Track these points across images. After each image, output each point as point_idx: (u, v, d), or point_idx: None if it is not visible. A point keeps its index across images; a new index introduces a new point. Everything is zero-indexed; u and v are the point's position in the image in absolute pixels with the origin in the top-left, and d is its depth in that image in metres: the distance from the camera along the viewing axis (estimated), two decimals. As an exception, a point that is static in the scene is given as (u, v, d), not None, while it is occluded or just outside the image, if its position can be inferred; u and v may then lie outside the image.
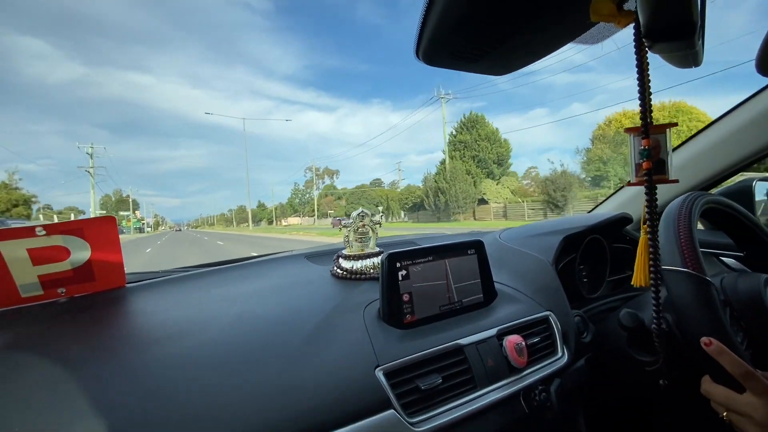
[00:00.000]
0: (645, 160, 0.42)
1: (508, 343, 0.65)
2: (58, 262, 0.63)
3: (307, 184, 60.45)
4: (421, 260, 0.68)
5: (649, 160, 0.42)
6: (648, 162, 0.42)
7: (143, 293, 0.71)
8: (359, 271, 0.79)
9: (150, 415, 0.42)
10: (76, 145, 31.08)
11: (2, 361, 0.48)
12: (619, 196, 1.17)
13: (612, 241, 1.02)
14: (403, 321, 0.64)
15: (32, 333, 0.56)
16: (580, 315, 0.81)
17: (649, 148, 0.42)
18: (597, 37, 0.52)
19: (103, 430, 0.39)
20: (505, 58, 0.52)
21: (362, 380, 0.53)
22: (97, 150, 37.78)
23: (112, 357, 0.50)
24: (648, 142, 0.42)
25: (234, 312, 0.63)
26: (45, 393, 0.43)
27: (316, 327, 0.59)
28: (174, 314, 0.63)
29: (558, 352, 0.72)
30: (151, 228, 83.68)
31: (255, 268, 0.88)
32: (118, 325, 0.60)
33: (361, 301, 0.67)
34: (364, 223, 0.82)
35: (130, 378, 0.47)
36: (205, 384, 0.47)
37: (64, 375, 0.46)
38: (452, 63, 0.51)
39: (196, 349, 0.52)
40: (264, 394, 0.47)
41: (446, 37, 0.45)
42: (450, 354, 0.61)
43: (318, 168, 59.44)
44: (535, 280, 0.82)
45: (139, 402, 0.43)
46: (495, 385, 0.62)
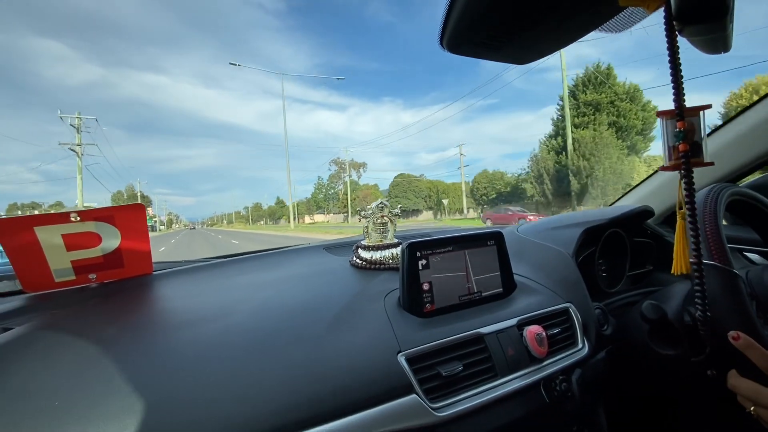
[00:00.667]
0: (681, 142, 0.42)
1: (528, 333, 0.65)
2: (90, 248, 0.66)
3: (332, 178, 54.68)
4: (441, 250, 0.68)
5: (685, 142, 0.41)
6: (684, 144, 0.41)
7: (170, 280, 0.73)
8: (378, 261, 0.80)
9: (182, 392, 0.44)
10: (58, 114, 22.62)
11: (39, 340, 0.50)
12: (643, 188, 1.15)
13: (633, 234, 1.00)
14: (423, 310, 0.64)
15: (68, 313, 0.58)
16: (601, 308, 0.81)
17: (685, 130, 0.42)
18: (621, 25, 0.52)
19: (137, 405, 0.41)
20: (529, 46, 0.52)
21: (385, 365, 0.53)
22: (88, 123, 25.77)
23: (144, 338, 0.52)
24: (683, 125, 0.42)
25: (259, 298, 0.64)
26: (81, 370, 0.45)
27: (339, 314, 0.60)
28: (201, 300, 0.65)
29: (578, 343, 0.71)
30: (165, 226, 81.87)
31: (275, 258, 0.90)
32: (148, 309, 0.62)
33: (382, 290, 0.68)
34: (383, 215, 0.83)
35: (161, 358, 0.48)
36: (234, 365, 0.48)
37: (99, 353, 0.48)
38: (476, 51, 0.51)
39: (224, 332, 0.54)
40: (291, 375, 0.48)
41: (472, 25, 0.45)
42: (470, 342, 0.61)
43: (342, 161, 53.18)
44: (555, 272, 0.81)
45: (170, 381, 0.45)
46: (515, 374, 0.62)
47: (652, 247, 1.04)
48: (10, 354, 0.47)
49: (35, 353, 0.48)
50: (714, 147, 0.96)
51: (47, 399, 0.41)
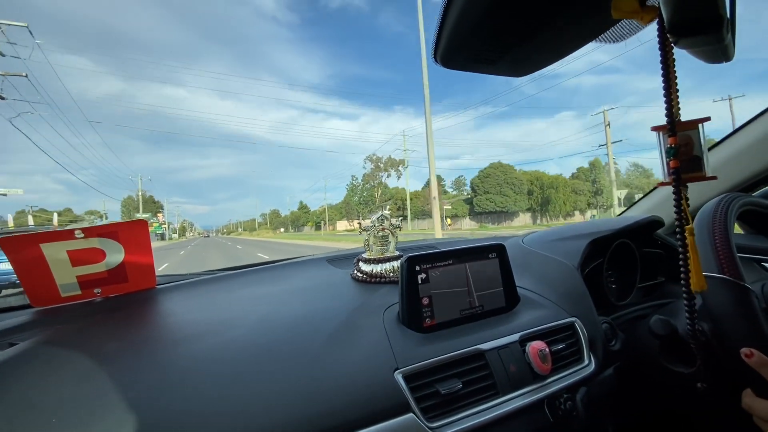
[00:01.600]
0: (672, 158, 0.41)
1: (531, 349, 0.63)
2: (94, 264, 0.67)
3: (367, 177, 46.30)
4: (441, 264, 0.67)
5: (676, 159, 0.40)
6: (675, 160, 0.40)
7: (172, 294, 0.74)
8: (379, 274, 0.80)
9: (179, 408, 0.44)
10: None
11: (43, 356, 0.51)
12: (652, 198, 1.12)
13: (642, 245, 0.98)
14: (423, 325, 0.63)
15: (71, 330, 0.59)
16: (608, 322, 0.78)
17: (677, 145, 0.40)
18: (619, 35, 0.51)
19: (133, 422, 0.41)
20: (524, 59, 0.51)
21: (381, 383, 0.53)
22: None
23: (144, 354, 0.53)
24: (675, 140, 0.41)
25: (259, 312, 0.64)
26: (81, 386, 0.46)
27: (337, 329, 0.60)
28: (201, 314, 0.66)
29: (584, 359, 0.69)
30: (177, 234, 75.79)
31: (278, 271, 0.90)
32: (149, 324, 0.63)
33: (381, 305, 0.68)
34: (384, 227, 0.83)
35: (159, 373, 0.49)
36: (231, 381, 0.48)
37: (99, 370, 0.48)
38: (471, 65, 0.51)
39: (223, 348, 0.54)
40: (287, 392, 0.48)
41: (464, 39, 0.45)
42: (471, 359, 0.60)
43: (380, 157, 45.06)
44: (560, 286, 0.80)
45: (167, 396, 0.45)
46: (518, 391, 0.60)
47: (663, 258, 1.01)
48: (13, 369, 0.48)
49: (36, 369, 0.49)
50: (723, 156, 0.93)
51: (46, 415, 0.42)
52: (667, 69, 0.41)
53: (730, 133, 0.96)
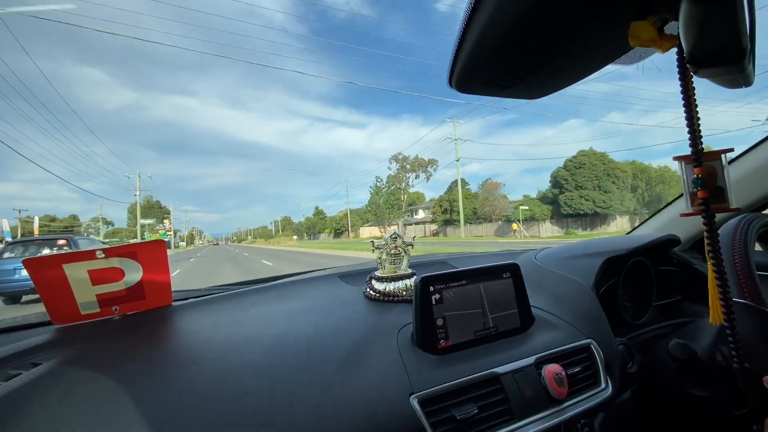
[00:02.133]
0: (699, 189, 0.40)
1: (547, 373, 0.62)
2: (113, 283, 0.68)
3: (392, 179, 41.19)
4: (455, 284, 0.67)
5: (704, 189, 0.40)
6: (703, 191, 0.40)
7: (188, 312, 0.75)
8: (392, 293, 0.79)
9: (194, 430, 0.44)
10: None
11: (67, 377, 0.52)
12: (661, 217, 1.11)
13: (658, 263, 0.96)
14: (437, 346, 0.63)
15: (92, 349, 0.60)
16: (625, 343, 0.77)
17: (703, 176, 0.40)
18: (637, 58, 0.51)
19: None
20: (539, 83, 0.51)
21: (397, 408, 0.52)
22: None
23: (162, 375, 0.53)
24: (701, 171, 0.40)
25: (272, 333, 0.65)
26: (106, 409, 0.46)
27: (351, 350, 0.60)
28: (216, 334, 0.66)
29: (601, 383, 0.68)
30: (184, 242, 73.19)
31: (291, 288, 0.91)
32: (166, 344, 0.63)
33: (395, 325, 0.67)
34: (396, 245, 0.83)
35: (179, 396, 0.49)
36: (246, 405, 0.48)
37: (121, 391, 0.49)
38: (485, 90, 0.52)
39: (238, 369, 0.54)
40: (303, 417, 0.48)
41: (480, 65, 0.45)
42: (486, 383, 0.60)
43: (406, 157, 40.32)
44: (575, 306, 0.79)
45: (188, 421, 0.46)
46: (534, 416, 0.59)
47: (678, 276, 1.00)
48: (38, 391, 0.49)
49: (62, 390, 0.49)
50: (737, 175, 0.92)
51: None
52: (688, 98, 0.41)
53: (745, 151, 0.94)
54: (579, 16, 0.40)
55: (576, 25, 0.41)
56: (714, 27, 0.35)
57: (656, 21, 0.41)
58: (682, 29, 0.36)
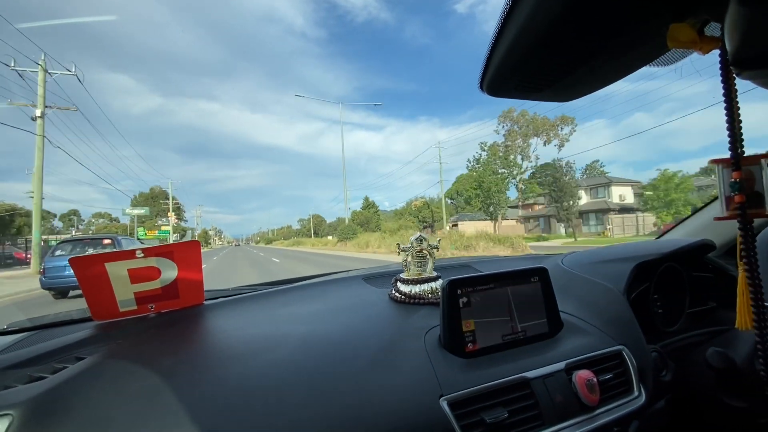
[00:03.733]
0: (737, 193, 0.39)
1: (578, 379, 0.61)
2: (150, 281, 0.71)
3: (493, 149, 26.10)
4: (483, 287, 0.67)
5: (741, 194, 0.39)
6: (741, 195, 0.39)
7: (219, 311, 0.77)
8: (417, 295, 0.80)
9: (230, 427, 0.46)
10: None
11: (109, 371, 0.54)
12: (694, 222, 1.07)
13: (691, 269, 0.94)
14: (465, 349, 0.63)
15: (131, 344, 0.63)
16: (658, 350, 0.75)
17: (741, 180, 0.39)
18: (674, 60, 0.50)
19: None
20: (572, 85, 0.51)
21: (427, 409, 0.53)
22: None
23: (198, 370, 0.55)
24: (739, 174, 0.39)
25: (300, 332, 0.66)
26: (144, 401, 0.49)
27: (380, 351, 0.60)
28: (247, 332, 0.68)
29: (634, 390, 0.66)
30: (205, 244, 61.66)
31: (316, 289, 0.92)
32: (200, 341, 0.66)
33: (422, 327, 0.68)
34: (422, 248, 0.83)
35: (213, 393, 0.51)
36: (279, 403, 0.50)
37: (161, 385, 0.51)
38: (517, 93, 0.52)
39: (269, 367, 0.56)
40: (332, 416, 0.49)
41: (513, 69, 0.45)
42: (515, 387, 0.59)
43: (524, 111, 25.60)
44: (605, 311, 0.77)
45: (222, 416, 0.47)
46: (564, 423, 0.58)
47: (713, 283, 0.96)
48: (83, 384, 0.51)
49: (105, 383, 0.52)
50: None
51: (117, 429, 0.45)
52: (730, 100, 0.40)
53: None
54: (615, 19, 0.40)
55: (612, 27, 0.40)
56: (762, 28, 0.34)
57: (696, 23, 0.41)
58: (728, 31, 0.36)
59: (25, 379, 0.54)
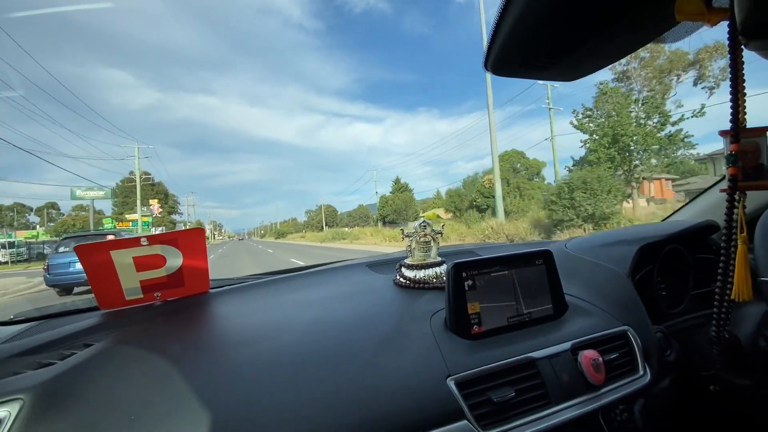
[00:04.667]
0: (730, 165, 0.39)
1: (584, 359, 0.62)
2: (156, 269, 0.71)
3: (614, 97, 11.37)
4: (488, 270, 0.67)
5: (735, 166, 0.39)
6: (734, 168, 0.39)
7: (225, 298, 0.77)
8: (422, 280, 0.80)
9: (242, 410, 0.46)
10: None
11: (118, 357, 0.55)
12: (701, 202, 1.07)
13: (696, 251, 0.93)
14: (471, 332, 0.63)
15: (138, 331, 0.63)
16: (662, 331, 0.75)
17: (737, 152, 0.39)
18: (680, 35, 0.49)
19: (203, 422, 0.44)
20: (578, 62, 0.50)
21: (434, 389, 0.53)
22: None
23: (206, 356, 0.56)
24: (737, 147, 0.39)
25: (308, 317, 0.66)
26: (152, 386, 0.49)
27: (387, 334, 0.61)
28: (255, 318, 0.68)
29: (639, 370, 0.67)
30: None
31: (321, 276, 0.92)
32: (207, 327, 0.66)
33: (427, 311, 0.68)
34: (426, 233, 0.83)
35: (222, 375, 0.51)
36: (288, 385, 0.50)
37: (167, 370, 0.51)
38: (522, 72, 0.51)
39: (279, 351, 0.56)
40: (341, 397, 0.49)
41: (519, 46, 0.45)
42: (522, 367, 0.60)
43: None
44: (610, 293, 0.77)
45: (231, 400, 0.47)
46: (571, 401, 0.59)
47: (718, 265, 0.96)
48: (92, 369, 0.52)
49: (113, 368, 0.52)
50: None
51: (125, 412, 0.45)
52: (736, 72, 0.40)
53: None
54: None
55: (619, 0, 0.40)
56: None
57: None
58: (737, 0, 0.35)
59: (35, 366, 0.54)
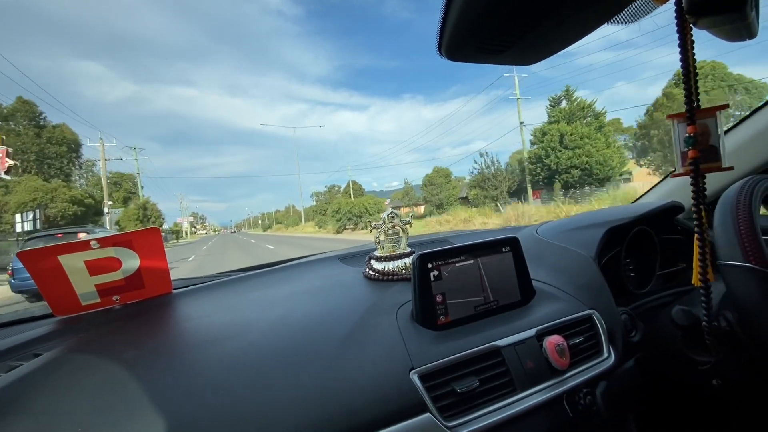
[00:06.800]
0: (690, 148, 0.39)
1: (548, 344, 0.62)
2: (111, 272, 0.68)
3: None
4: (453, 260, 0.66)
5: (695, 149, 0.38)
6: (694, 150, 0.38)
7: (188, 299, 0.75)
8: (391, 272, 0.79)
9: (199, 415, 0.45)
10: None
11: (67, 365, 0.52)
12: (666, 184, 1.08)
13: (662, 232, 0.95)
14: (437, 322, 0.63)
15: (92, 338, 0.61)
16: (628, 313, 0.76)
17: (696, 134, 0.38)
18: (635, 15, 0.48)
19: (158, 425, 0.42)
20: (534, 46, 0.49)
21: (397, 383, 0.53)
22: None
23: (164, 359, 0.54)
24: (694, 129, 0.38)
25: (272, 316, 0.65)
26: (105, 394, 0.47)
27: (351, 329, 0.60)
28: (217, 319, 0.66)
29: (603, 352, 0.68)
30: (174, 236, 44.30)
31: (291, 271, 0.91)
32: (167, 330, 0.64)
33: (395, 303, 0.67)
34: (394, 224, 0.82)
35: (179, 379, 0.50)
36: (250, 386, 0.49)
37: (121, 378, 0.49)
38: (477, 57, 0.50)
39: (238, 352, 0.55)
40: (304, 395, 0.48)
41: (470, 29, 0.43)
42: (487, 356, 0.60)
43: None
44: (577, 277, 0.78)
45: (189, 402, 0.46)
46: (535, 387, 0.59)
47: (683, 244, 0.98)
48: (38, 379, 0.49)
49: (62, 378, 0.50)
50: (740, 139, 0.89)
51: (73, 422, 0.43)
52: (686, 52, 0.39)
53: (748, 115, 0.91)
54: None
55: None
56: None
57: None
58: None
59: None
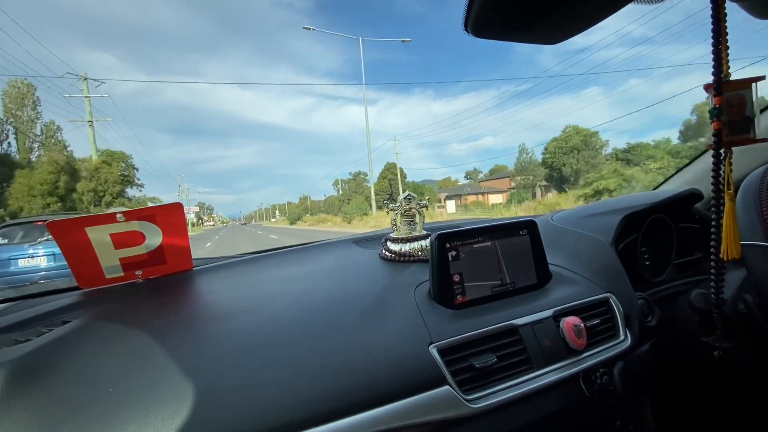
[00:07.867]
0: (715, 120, 0.38)
1: (565, 325, 0.62)
2: (135, 246, 0.70)
3: None
4: (471, 241, 0.67)
5: (719, 120, 0.38)
6: (718, 122, 0.38)
7: (209, 275, 0.76)
8: (407, 253, 0.80)
9: (227, 379, 0.46)
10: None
11: (97, 332, 0.54)
12: (690, 170, 1.07)
13: (679, 220, 0.94)
14: (454, 302, 0.63)
15: (118, 307, 0.62)
16: (644, 298, 0.76)
17: (722, 106, 0.38)
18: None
19: (186, 391, 0.43)
20: (560, 24, 0.49)
21: (416, 356, 0.53)
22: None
23: (190, 328, 0.55)
24: (720, 100, 0.38)
25: (293, 290, 0.66)
26: (134, 358, 0.48)
27: (370, 305, 0.61)
28: (239, 293, 0.68)
29: (620, 335, 0.68)
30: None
31: (307, 253, 0.92)
32: (190, 303, 0.65)
33: (411, 282, 0.68)
34: (411, 207, 0.82)
35: (206, 347, 0.51)
36: (274, 354, 0.50)
37: (150, 343, 0.51)
38: (503, 33, 0.50)
39: (263, 323, 0.56)
40: (326, 365, 0.49)
41: (498, 5, 0.43)
42: (504, 334, 0.60)
43: None
44: (593, 262, 0.78)
45: (216, 367, 0.47)
46: (552, 366, 0.60)
47: (700, 233, 0.97)
48: (69, 345, 0.51)
49: (92, 343, 0.51)
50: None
51: (104, 385, 0.44)
52: (718, 22, 0.39)
53: None
54: None
55: None
56: None
57: None
58: None
59: (11, 343, 0.53)
